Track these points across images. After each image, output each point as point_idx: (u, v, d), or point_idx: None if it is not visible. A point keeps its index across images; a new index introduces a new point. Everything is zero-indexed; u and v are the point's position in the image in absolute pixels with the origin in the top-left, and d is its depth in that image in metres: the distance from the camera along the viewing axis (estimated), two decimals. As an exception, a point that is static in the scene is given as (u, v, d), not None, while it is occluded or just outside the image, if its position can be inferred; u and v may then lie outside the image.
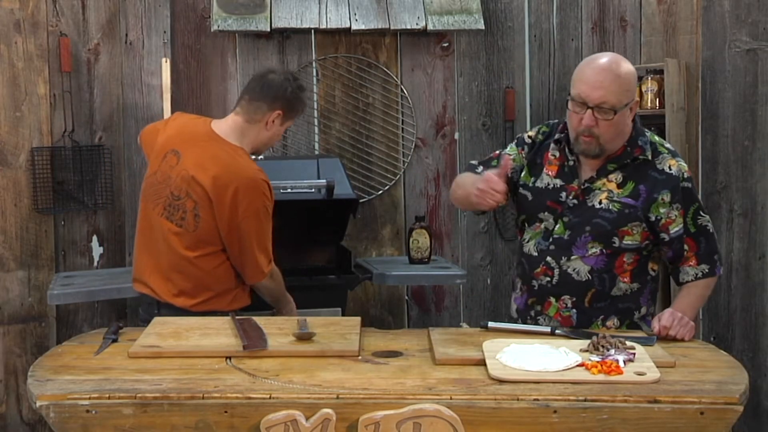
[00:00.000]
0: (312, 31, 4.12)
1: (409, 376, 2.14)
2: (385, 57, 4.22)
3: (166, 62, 3.91)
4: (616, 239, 2.60)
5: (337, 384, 2.07)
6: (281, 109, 2.95)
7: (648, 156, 2.62)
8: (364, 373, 2.17)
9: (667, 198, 2.60)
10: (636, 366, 2.16)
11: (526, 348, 2.26)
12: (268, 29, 3.99)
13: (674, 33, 4.10)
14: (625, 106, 2.54)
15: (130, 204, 4.01)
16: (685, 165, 2.66)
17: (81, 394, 2.01)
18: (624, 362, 2.17)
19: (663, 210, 2.60)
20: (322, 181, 3.49)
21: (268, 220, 2.90)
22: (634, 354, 2.22)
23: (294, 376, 2.12)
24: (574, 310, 2.64)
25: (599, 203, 2.61)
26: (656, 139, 2.69)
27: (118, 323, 2.60)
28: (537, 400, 2.00)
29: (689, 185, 2.64)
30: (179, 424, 1.99)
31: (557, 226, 2.64)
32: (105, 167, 3.98)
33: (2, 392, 3.98)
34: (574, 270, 2.62)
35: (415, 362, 2.26)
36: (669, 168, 2.62)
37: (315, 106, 4.14)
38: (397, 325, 4.23)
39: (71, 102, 3.96)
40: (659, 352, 2.31)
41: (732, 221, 3.92)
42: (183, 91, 4.10)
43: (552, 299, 2.66)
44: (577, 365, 2.17)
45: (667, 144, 2.72)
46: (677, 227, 2.62)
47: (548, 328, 2.51)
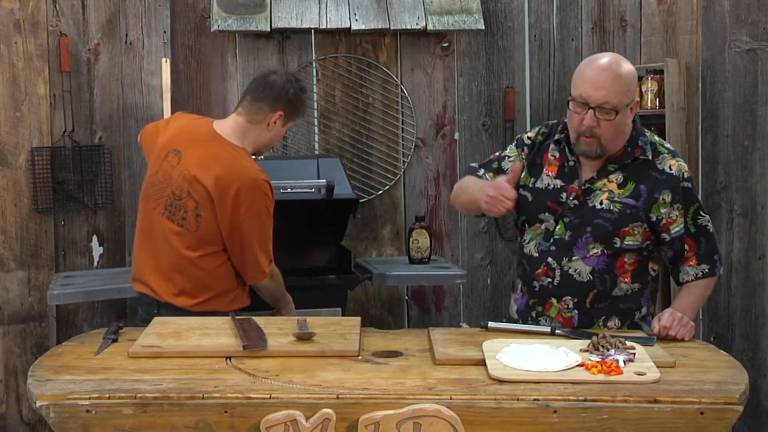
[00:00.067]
0: (312, 31, 4.12)
1: (409, 376, 2.14)
2: (385, 57, 4.22)
3: (166, 62, 3.91)
4: (618, 240, 2.60)
5: (337, 384, 2.07)
6: (283, 110, 2.96)
7: (648, 156, 2.62)
8: (364, 373, 2.17)
9: (668, 198, 2.60)
10: (636, 366, 2.16)
11: (526, 348, 2.25)
12: (268, 29, 3.98)
13: (674, 33, 4.10)
14: (626, 107, 2.54)
15: (130, 204, 4.01)
16: (685, 165, 2.65)
17: (81, 394, 2.01)
18: (624, 362, 2.16)
19: (664, 210, 2.60)
20: (322, 181, 3.49)
21: (270, 221, 2.91)
22: (634, 354, 2.22)
23: (294, 376, 2.12)
24: (576, 311, 2.63)
25: (600, 204, 2.60)
26: (656, 139, 2.69)
27: (118, 323, 2.60)
28: (537, 400, 2.00)
29: (689, 185, 2.63)
30: (179, 424, 1.99)
31: (558, 227, 2.64)
32: (105, 167, 3.98)
33: (2, 392, 3.98)
34: (576, 271, 2.62)
35: (415, 362, 2.26)
36: (669, 168, 2.62)
37: (315, 106, 4.14)
38: (397, 325, 4.22)
39: (71, 102, 3.96)
40: (659, 352, 2.30)
41: (732, 221, 3.92)
42: (183, 91, 4.10)
43: (553, 300, 2.65)
44: (577, 365, 2.17)
45: (667, 144, 2.72)
46: (678, 227, 2.61)
47: (548, 328, 2.51)
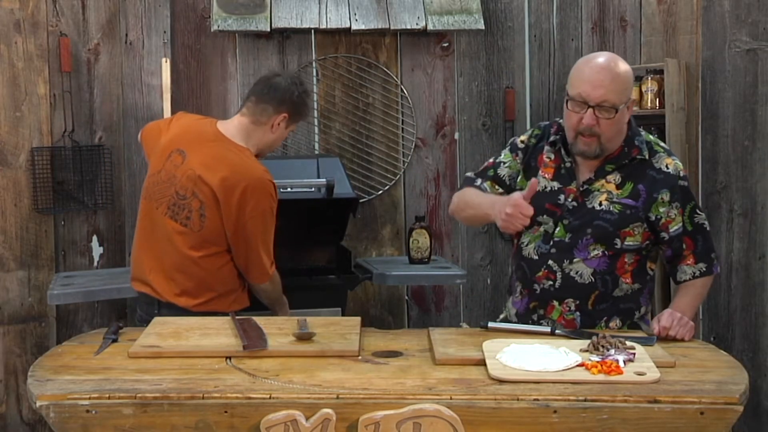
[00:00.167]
0: (312, 31, 4.12)
1: (409, 376, 2.14)
2: (385, 57, 4.22)
3: (166, 62, 3.91)
4: (618, 240, 2.59)
5: (337, 384, 2.07)
6: (287, 112, 2.97)
7: (645, 156, 2.62)
8: (364, 373, 2.17)
9: (667, 197, 2.60)
10: (636, 366, 2.16)
11: (526, 348, 2.25)
12: (268, 29, 3.98)
13: (674, 33, 4.10)
14: (624, 105, 2.54)
15: (130, 204, 4.01)
16: (681, 163, 2.66)
17: (81, 394, 2.01)
18: (624, 362, 2.16)
19: (663, 209, 2.60)
20: (322, 180, 3.49)
21: (273, 222, 2.91)
22: (634, 354, 2.21)
23: (294, 376, 2.12)
24: (578, 313, 2.62)
25: (599, 205, 2.60)
26: (651, 138, 2.69)
27: (118, 323, 2.60)
28: (537, 400, 1.99)
29: (686, 183, 2.64)
30: (179, 424, 1.99)
31: (557, 229, 2.62)
32: (105, 167, 3.98)
33: (2, 392, 3.98)
34: (577, 273, 2.61)
35: (415, 362, 2.26)
36: (666, 167, 2.62)
37: (315, 106, 4.14)
38: (397, 325, 4.22)
39: (71, 102, 3.96)
40: (659, 352, 2.30)
41: (732, 221, 3.92)
42: (183, 91, 4.10)
43: (555, 303, 2.64)
44: (577, 365, 2.17)
45: (662, 143, 2.72)
46: (677, 226, 2.61)
47: (548, 328, 2.50)
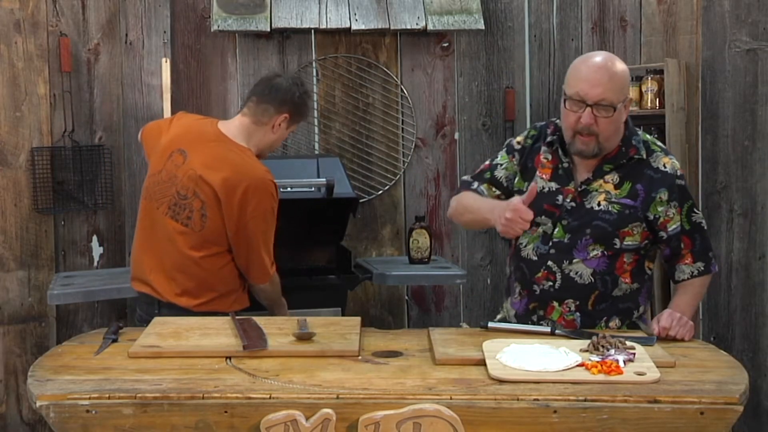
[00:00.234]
0: (312, 31, 4.12)
1: (409, 376, 2.14)
2: (385, 57, 4.22)
3: (166, 62, 3.91)
4: (617, 240, 2.59)
5: (337, 384, 2.07)
6: (288, 113, 2.97)
7: (643, 155, 2.62)
8: (364, 373, 2.17)
9: (665, 196, 2.60)
10: (636, 366, 2.16)
11: (526, 348, 2.25)
12: (268, 29, 3.99)
13: (674, 33, 4.10)
14: (622, 103, 2.54)
15: (130, 204, 4.01)
16: (677, 162, 2.66)
17: (81, 394, 2.01)
18: (624, 362, 2.16)
19: (661, 208, 2.60)
20: (322, 180, 3.48)
21: (274, 222, 2.92)
22: (634, 354, 2.21)
23: (294, 376, 2.12)
24: (578, 314, 2.62)
25: (598, 205, 2.60)
26: (648, 138, 2.69)
27: (118, 323, 2.60)
28: (537, 400, 1.99)
29: (683, 182, 2.64)
30: (179, 424, 1.99)
31: (556, 230, 2.62)
32: (105, 167, 3.98)
33: (2, 392, 3.98)
34: (577, 273, 2.61)
35: (415, 362, 2.26)
36: (664, 166, 2.62)
37: (315, 106, 4.14)
38: (397, 325, 4.22)
39: (71, 102, 3.96)
40: (659, 352, 2.30)
41: (732, 221, 3.92)
42: (183, 91, 4.10)
43: (555, 303, 2.63)
44: (577, 365, 2.17)
45: (658, 142, 2.72)
46: (675, 225, 2.62)
47: (548, 328, 2.50)
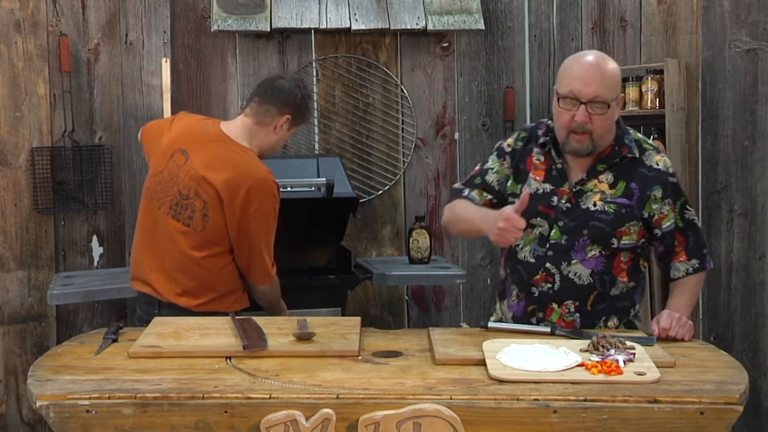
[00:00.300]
0: (312, 31, 4.12)
1: (409, 376, 2.14)
2: (385, 57, 4.22)
3: (166, 62, 3.91)
4: (615, 240, 2.59)
5: (337, 384, 2.07)
6: (290, 114, 2.97)
7: (635, 154, 2.62)
8: (364, 373, 2.17)
9: (659, 194, 2.60)
10: (636, 366, 2.16)
11: (526, 348, 2.25)
12: (268, 29, 3.99)
13: (674, 33, 4.10)
14: (614, 101, 2.55)
15: (130, 204, 4.01)
16: (669, 160, 2.67)
17: (81, 394, 2.01)
18: (624, 362, 2.16)
19: (655, 206, 2.61)
20: (322, 180, 3.48)
21: (275, 223, 2.92)
22: (634, 354, 2.21)
23: (294, 376, 2.12)
24: (578, 314, 2.62)
25: (594, 205, 2.59)
26: (639, 137, 2.70)
27: (118, 323, 2.60)
28: (537, 400, 1.99)
29: (675, 180, 2.65)
30: (179, 424, 1.99)
31: (553, 232, 2.61)
32: (105, 167, 3.98)
33: (2, 392, 3.98)
34: (576, 274, 2.60)
35: (415, 362, 2.26)
36: (656, 164, 2.62)
37: (315, 106, 4.14)
38: (397, 325, 4.22)
39: (71, 102, 3.96)
40: (659, 352, 2.30)
41: (732, 221, 3.92)
42: (183, 91, 4.10)
43: (554, 305, 2.63)
44: (577, 365, 2.17)
45: (649, 140, 2.73)
46: (669, 222, 2.62)
47: (548, 328, 2.50)
